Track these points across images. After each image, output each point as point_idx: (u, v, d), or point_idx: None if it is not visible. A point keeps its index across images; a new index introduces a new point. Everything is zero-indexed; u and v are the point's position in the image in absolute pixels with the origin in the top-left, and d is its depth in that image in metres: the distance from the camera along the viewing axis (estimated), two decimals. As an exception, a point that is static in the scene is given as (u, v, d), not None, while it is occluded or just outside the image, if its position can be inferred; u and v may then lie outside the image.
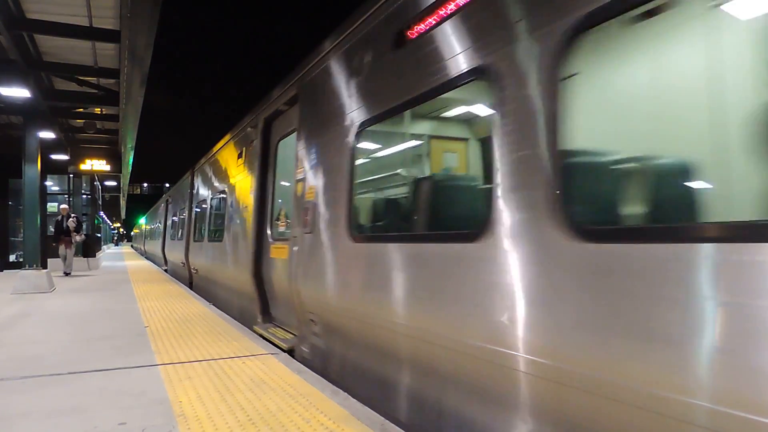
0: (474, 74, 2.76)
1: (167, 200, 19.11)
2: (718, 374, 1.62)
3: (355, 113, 4.09)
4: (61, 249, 14.09)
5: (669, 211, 2.35)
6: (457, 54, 2.89)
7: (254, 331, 5.97)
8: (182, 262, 13.13)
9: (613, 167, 2.49)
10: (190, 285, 12.12)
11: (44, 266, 11.34)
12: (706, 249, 1.66)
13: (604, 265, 1.95)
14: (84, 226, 16.12)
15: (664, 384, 1.76)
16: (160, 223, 20.56)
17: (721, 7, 2.29)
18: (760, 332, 1.53)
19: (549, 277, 2.18)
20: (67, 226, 13.88)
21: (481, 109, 3.92)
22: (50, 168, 15.56)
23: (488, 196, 2.56)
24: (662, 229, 1.88)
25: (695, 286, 1.68)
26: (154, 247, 21.09)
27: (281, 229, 6.32)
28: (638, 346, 1.83)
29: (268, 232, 6.30)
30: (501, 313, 2.42)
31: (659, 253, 1.78)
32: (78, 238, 14.33)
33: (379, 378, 3.66)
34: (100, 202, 29.42)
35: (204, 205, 10.80)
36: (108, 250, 40.65)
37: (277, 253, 5.84)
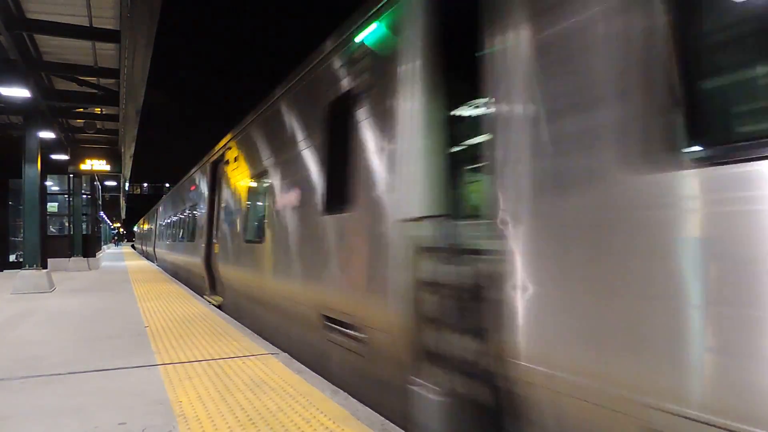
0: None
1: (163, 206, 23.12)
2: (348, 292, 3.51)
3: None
4: None
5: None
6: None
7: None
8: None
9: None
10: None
11: (44, 266, 11.33)
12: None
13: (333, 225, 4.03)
14: None
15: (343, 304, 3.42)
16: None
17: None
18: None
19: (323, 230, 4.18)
20: None
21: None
22: (50, 168, 15.53)
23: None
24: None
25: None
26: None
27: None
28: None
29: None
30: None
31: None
32: None
33: (251, 313, 6.89)
34: (100, 202, 29.40)
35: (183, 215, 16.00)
36: (108, 250, 40.67)
37: (216, 248, 9.58)
